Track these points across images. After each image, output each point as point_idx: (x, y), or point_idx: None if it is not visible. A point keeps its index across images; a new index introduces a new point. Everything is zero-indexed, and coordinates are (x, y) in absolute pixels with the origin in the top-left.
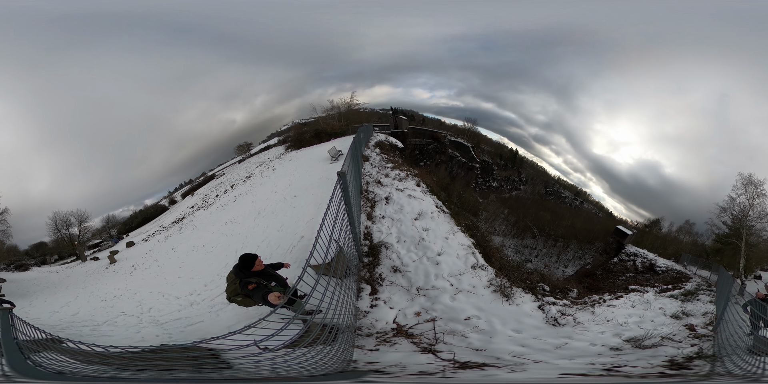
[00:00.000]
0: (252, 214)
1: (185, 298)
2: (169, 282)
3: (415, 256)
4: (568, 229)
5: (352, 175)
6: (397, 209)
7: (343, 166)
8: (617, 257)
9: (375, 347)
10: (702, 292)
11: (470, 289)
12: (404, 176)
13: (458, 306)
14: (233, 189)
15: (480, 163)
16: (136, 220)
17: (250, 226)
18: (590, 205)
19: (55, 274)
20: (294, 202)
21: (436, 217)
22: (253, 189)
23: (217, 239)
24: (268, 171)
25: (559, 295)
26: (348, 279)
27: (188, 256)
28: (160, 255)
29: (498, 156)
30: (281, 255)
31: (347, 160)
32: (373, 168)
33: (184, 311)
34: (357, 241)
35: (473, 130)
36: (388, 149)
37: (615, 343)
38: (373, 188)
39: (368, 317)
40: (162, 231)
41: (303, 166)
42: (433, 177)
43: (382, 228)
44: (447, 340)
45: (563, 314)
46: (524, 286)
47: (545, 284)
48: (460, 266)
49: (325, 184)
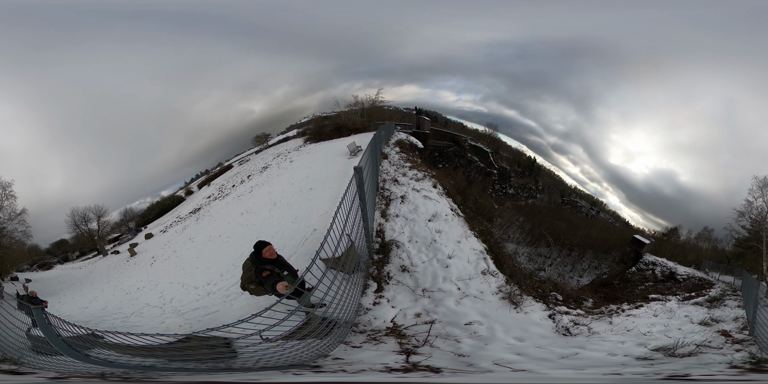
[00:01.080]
0: (267, 204)
1: (203, 288)
2: (187, 272)
3: (425, 257)
4: (584, 238)
5: (370, 171)
6: (412, 209)
7: (360, 161)
8: (635, 267)
9: (359, 344)
10: (728, 297)
11: (477, 294)
12: (422, 177)
13: (462, 310)
14: (249, 179)
15: (498, 169)
16: (153, 212)
17: (265, 216)
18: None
19: (79, 271)
20: (309, 195)
21: (450, 220)
22: (269, 180)
23: (233, 229)
24: (285, 162)
25: (572, 304)
26: (356, 275)
27: (205, 246)
28: (178, 245)
29: (516, 163)
30: (294, 247)
31: (366, 156)
32: (392, 166)
33: (202, 301)
34: (369, 238)
35: (494, 135)
36: (408, 149)
37: (641, 353)
38: (389, 186)
39: (368, 314)
40: (179, 222)
41: (321, 160)
42: (450, 180)
43: (395, 226)
44: (437, 343)
45: (576, 324)
46: (535, 294)
47: (558, 293)
48: (469, 271)
49: (342, 179)
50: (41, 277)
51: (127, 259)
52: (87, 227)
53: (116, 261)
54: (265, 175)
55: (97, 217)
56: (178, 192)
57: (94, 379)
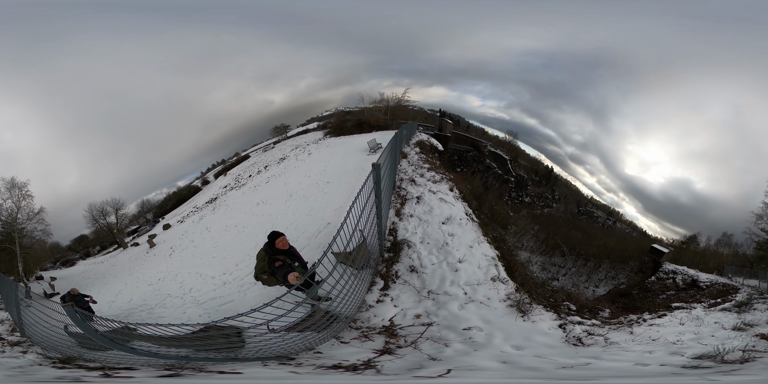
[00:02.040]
0: (283, 196)
1: (219, 277)
2: (204, 262)
3: (435, 259)
4: (601, 248)
5: (388, 169)
6: (427, 210)
7: (379, 158)
8: (655, 276)
9: (348, 341)
10: (755, 301)
11: (484, 300)
12: (439, 179)
13: (464, 315)
14: (266, 170)
15: (515, 176)
16: (170, 203)
17: (280, 207)
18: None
19: (101, 265)
20: (326, 188)
21: (464, 224)
22: (286, 171)
23: (249, 219)
24: (303, 155)
25: (587, 314)
26: (365, 271)
27: (221, 235)
28: (195, 235)
29: (534, 172)
30: (307, 239)
31: (385, 154)
32: (410, 166)
33: (218, 291)
34: (381, 235)
35: (513, 143)
36: (428, 150)
37: (680, 362)
38: (406, 186)
39: (370, 311)
40: (196, 211)
41: (339, 154)
42: (467, 184)
43: (408, 226)
44: (424, 345)
45: (590, 334)
46: (546, 303)
47: (571, 303)
48: (479, 276)
49: (359, 174)
50: (65, 274)
51: (147, 251)
52: (105, 221)
53: (136, 253)
54: (282, 167)
55: (115, 210)
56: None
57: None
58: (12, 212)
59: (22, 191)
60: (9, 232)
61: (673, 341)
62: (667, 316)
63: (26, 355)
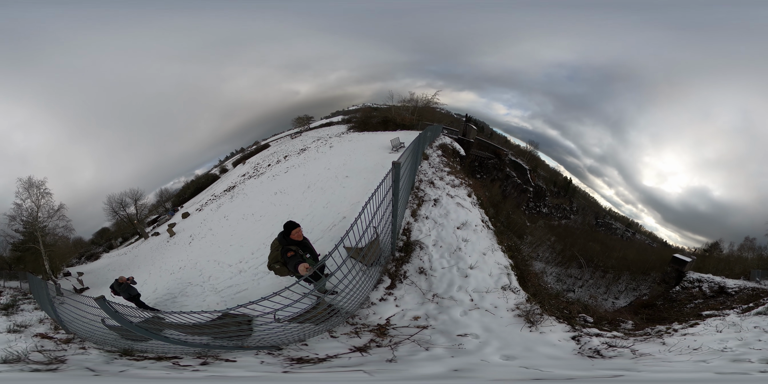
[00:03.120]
0: (302, 186)
1: (235, 265)
2: (222, 250)
3: (446, 263)
4: (620, 260)
5: (408, 169)
6: (443, 214)
7: (401, 157)
8: (679, 286)
9: (338, 335)
10: None
11: (490, 308)
12: (458, 183)
13: (464, 322)
14: (286, 160)
15: (534, 187)
16: (188, 191)
17: (298, 198)
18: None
19: (125, 256)
20: (344, 182)
21: (480, 231)
22: (306, 162)
23: (266, 208)
24: (324, 147)
25: (606, 326)
26: (374, 268)
27: (239, 224)
28: (214, 223)
29: (552, 183)
30: (321, 231)
31: (407, 154)
32: (430, 168)
33: (234, 279)
34: (395, 234)
35: (534, 153)
36: (450, 154)
37: (754, 367)
38: (424, 187)
39: (371, 309)
40: (214, 200)
41: (361, 149)
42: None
43: (423, 228)
44: (404, 347)
45: (611, 346)
46: (559, 315)
47: (587, 315)
48: (489, 284)
49: (379, 171)
50: (91, 268)
51: (167, 240)
52: (125, 212)
53: (157, 242)
54: (303, 157)
55: (134, 201)
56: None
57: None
58: (32, 211)
59: (40, 189)
60: (31, 231)
61: (720, 349)
62: (700, 324)
63: (87, 350)
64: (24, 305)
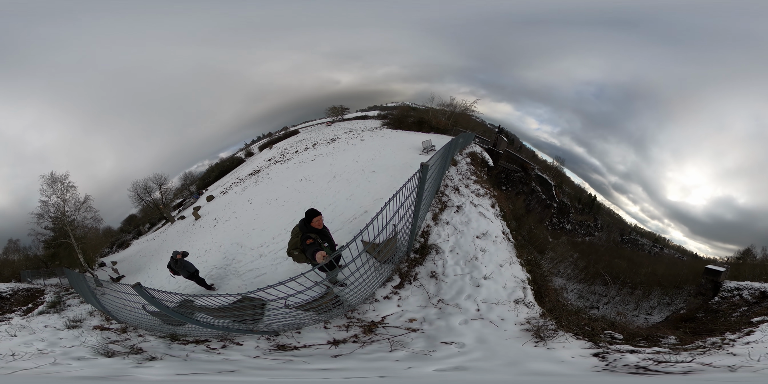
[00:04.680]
0: (327, 176)
1: (257, 249)
2: (245, 233)
3: (460, 270)
4: (649, 276)
5: (435, 172)
6: (464, 221)
7: (430, 160)
8: (717, 296)
9: (330, 327)
10: None
11: (496, 320)
12: (483, 193)
13: (460, 330)
14: (314, 148)
15: (558, 203)
16: (212, 174)
17: (322, 187)
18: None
19: (153, 242)
20: (370, 177)
21: (499, 242)
22: (334, 152)
23: (290, 194)
24: (355, 140)
25: (643, 342)
26: (386, 266)
27: (262, 208)
28: (238, 207)
29: (577, 199)
30: (341, 222)
31: (436, 157)
32: (458, 175)
33: (255, 263)
34: (413, 235)
35: (559, 169)
36: (479, 163)
37: None
38: (449, 193)
39: (372, 305)
40: (239, 183)
41: (392, 146)
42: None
43: (442, 233)
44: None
45: (660, 362)
46: (579, 332)
47: (615, 332)
48: (501, 296)
49: (406, 171)
50: (123, 256)
51: (193, 223)
52: (151, 197)
53: (184, 226)
54: (332, 147)
55: (159, 186)
56: (238, 153)
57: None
58: (59, 207)
59: (63, 184)
60: (61, 226)
61: None
62: (756, 331)
63: (145, 337)
64: (69, 300)
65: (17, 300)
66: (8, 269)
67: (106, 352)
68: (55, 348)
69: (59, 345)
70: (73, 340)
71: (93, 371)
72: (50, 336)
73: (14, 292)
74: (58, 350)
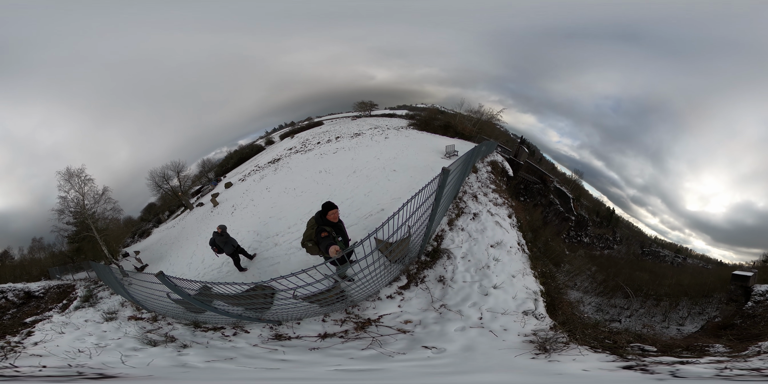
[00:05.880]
0: (347, 170)
1: (272, 238)
2: (262, 221)
3: (469, 277)
4: (674, 287)
5: (455, 178)
6: (479, 229)
7: (451, 165)
8: (750, 301)
9: (328, 320)
10: None
11: (497, 329)
12: (501, 203)
13: (452, 336)
14: (337, 141)
15: (576, 216)
16: (231, 161)
17: (341, 180)
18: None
19: (173, 229)
20: (390, 176)
21: (513, 253)
22: (357, 147)
23: (308, 185)
24: (379, 136)
25: (686, 353)
26: (395, 266)
27: (280, 197)
28: (256, 194)
29: (595, 213)
30: (357, 218)
31: (458, 162)
32: (477, 182)
33: (269, 251)
34: (426, 238)
35: (578, 182)
36: (499, 172)
37: None
38: (467, 199)
39: (374, 303)
40: (257, 170)
41: (415, 148)
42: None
43: (456, 238)
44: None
45: (728, 368)
46: (598, 345)
47: (646, 344)
48: (509, 306)
49: (426, 173)
50: (145, 245)
51: (211, 210)
52: (169, 185)
53: (202, 213)
54: (355, 142)
55: (177, 173)
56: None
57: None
58: (78, 201)
59: (80, 177)
60: (82, 220)
61: None
62: None
63: (173, 325)
64: (100, 293)
65: (51, 297)
66: (36, 268)
67: (150, 342)
68: (105, 341)
69: (107, 338)
70: (116, 332)
71: (168, 361)
72: (94, 330)
73: (46, 290)
74: (110, 343)
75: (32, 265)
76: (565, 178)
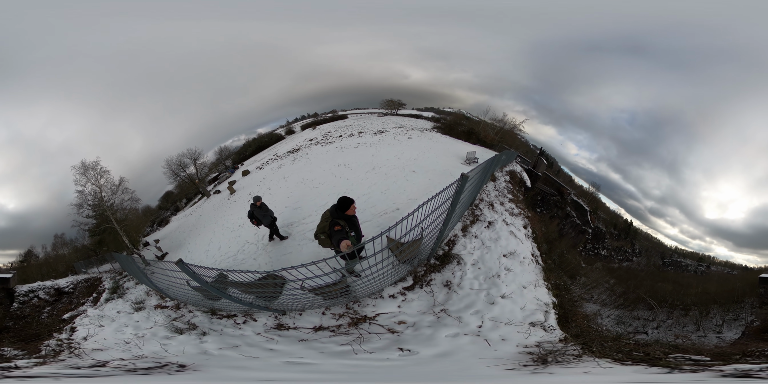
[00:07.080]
0: (367, 166)
1: (285, 228)
2: (277, 210)
3: (477, 285)
4: (701, 295)
5: (473, 184)
6: (493, 237)
7: (471, 171)
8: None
9: (328, 313)
10: None
11: (494, 339)
12: (517, 213)
13: (438, 341)
14: (359, 136)
15: (593, 229)
16: (249, 149)
17: (360, 176)
18: (719, 266)
19: (191, 217)
20: (409, 176)
21: (527, 264)
22: (379, 144)
23: (326, 177)
24: (402, 136)
25: (749, 359)
26: (403, 266)
27: (296, 187)
28: (273, 183)
29: (612, 225)
30: (372, 215)
31: (477, 170)
32: (494, 191)
33: (283, 241)
34: (438, 241)
35: (595, 195)
36: (517, 182)
37: None
38: (483, 207)
39: (375, 301)
40: (276, 160)
41: (436, 151)
42: (542, 226)
43: (468, 245)
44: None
45: None
46: (624, 357)
47: (691, 354)
48: (516, 317)
49: (445, 177)
50: (164, 233)
51: (228, 197)
52: (185, 173)
53: (219, 200)
54: (377, 139)
55: (193, 161)
56: (278, 130)
57: None
58: (96, 193)
59: (96, 170)
60: (101, 212)
61: None
62: None
63: (193, 313)
64: (126, 283)
65: (80, 292)
66: (62, 264)
67: (177, 330)
68: (141, 331)
69: (141, 328)
70: (146, 322)
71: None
72: (128, 320)
73: (75, 285)
74: (146, 333)
75: (57, 262)
76: (582, 191)
